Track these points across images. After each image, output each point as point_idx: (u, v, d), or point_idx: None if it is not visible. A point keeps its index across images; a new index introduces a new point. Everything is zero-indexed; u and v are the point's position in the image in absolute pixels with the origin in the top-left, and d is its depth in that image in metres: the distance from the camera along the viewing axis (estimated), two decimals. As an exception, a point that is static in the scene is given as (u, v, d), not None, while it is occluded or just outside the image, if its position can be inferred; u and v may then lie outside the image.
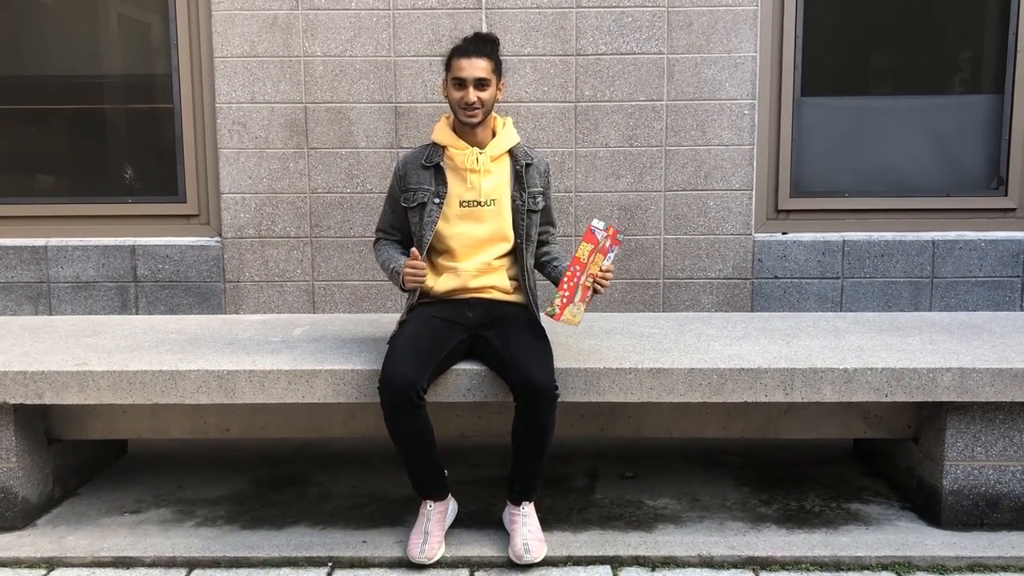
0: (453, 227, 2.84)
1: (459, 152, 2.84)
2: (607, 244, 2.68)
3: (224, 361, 2.87)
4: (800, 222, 4.00)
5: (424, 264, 2.75)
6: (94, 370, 2.80)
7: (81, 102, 4.03)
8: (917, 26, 3.94)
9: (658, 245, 3.91)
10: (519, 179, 2.87)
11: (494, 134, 2.90)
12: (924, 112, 3.98)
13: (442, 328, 2.78)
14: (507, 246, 2.89)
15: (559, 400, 2.67)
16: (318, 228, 3.93)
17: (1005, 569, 2.66)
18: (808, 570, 2.67)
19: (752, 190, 3.89)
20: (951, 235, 3.93)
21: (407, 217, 2.91)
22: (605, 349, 2.99)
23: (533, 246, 2.94)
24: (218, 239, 3.98)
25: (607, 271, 2.72)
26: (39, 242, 3.98)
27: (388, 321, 3.52)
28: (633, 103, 3.84)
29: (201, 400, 2.81)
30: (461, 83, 2.76)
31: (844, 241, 3.91)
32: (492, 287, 2.89)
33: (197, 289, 3.98)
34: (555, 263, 2.97)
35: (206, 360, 2.89)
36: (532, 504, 2.78)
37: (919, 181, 4.02)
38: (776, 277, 3.93)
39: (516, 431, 2.67)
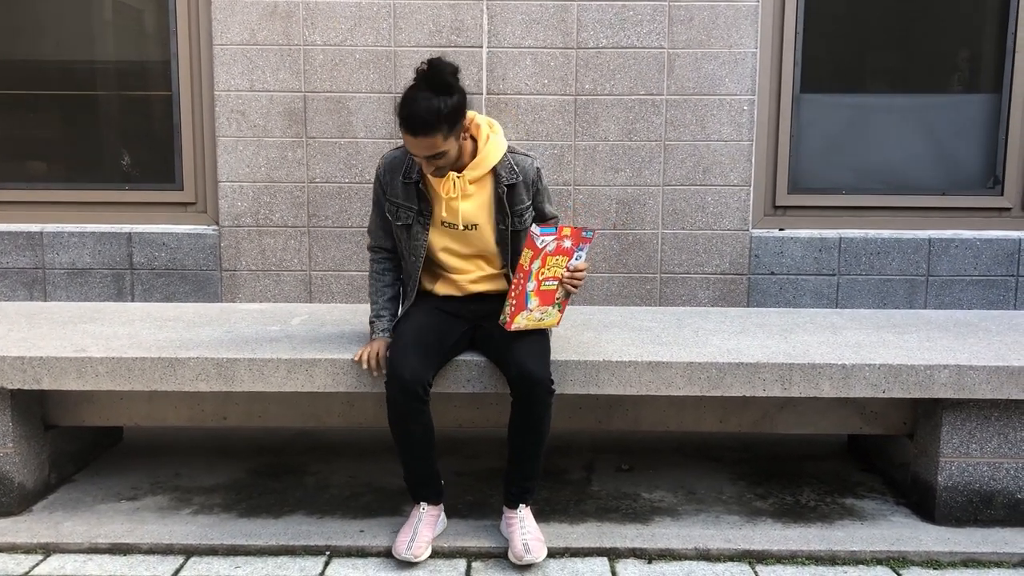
0: (440, 242, 2.75)
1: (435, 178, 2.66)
2: (567, 245, 2.55)
3: (223, 349, 2.87)
4: (797, 218, 4.01)
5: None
6: (93, 356, 2.79)
7: (79, 88, 4.01)
8: (917, 24, 3.95)
9: (656, 240, 3.92)
10: (500, 204, 2.70)
11: (475, 145, 2.68)
12: (922, 110, 4.00)
13: (446, 322, 2.77)
14: (495, 264, 2.79)
15: (557, 394, 2.67)
16: (316, 218, 3.92)
17: (999, 565, 2.68)
18: (803, 564, 2.68)
19: (750, 186, 3.90)
20: (947, 233, 3.96)
21: (394, 230, 2.79)
22: (604, 342, 2.99)
23: None
24: (215, 227, 3.97)
25: (576, 271, 2.62)
26: (34, 228, 3.96)
27: (386, 311, 3.52)
28: (633, 97, 3.85)
29: (200, 388, 2.80)
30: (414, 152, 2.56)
31: (841, 238, 3.92)
32: (491, 291, 2.81)
33: (193, 277, 3.97)
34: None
35: (205, 348, 2.88)
36: (528, 508, 2.75)
37: (916, 179, 4.04)
38: (772, 273, 3.94)
39: (512, 427, 2.67)
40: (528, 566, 2.63)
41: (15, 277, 3.98)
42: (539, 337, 2.72)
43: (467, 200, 2.68)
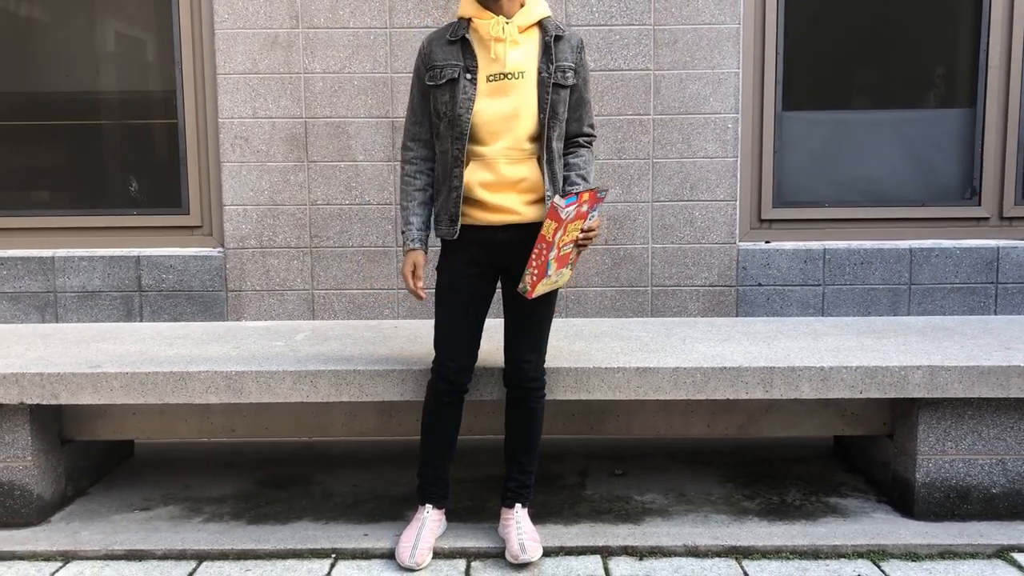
0: (478, 103, 2.67)
1: (484, 22, 2.66)
2: (583, 209, 2.58)
3: (231, 363, 3.01)
4: (782, 231, 4.15)
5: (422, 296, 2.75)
6: (107, 371, 2.93)
7: (89, 118, 4.17)
8: (893, 43, 4.11)
9: (646, 254, 4.06)
10: (547, 51, 2.69)
11: (522, 4, 2.72)
12: (901, 125, 4.15)
13: (479, 287, 2.75)
14: (532, 124, 2.69)
15: (550, 400, 2.82)
16: (318, 239, 4.07)
17: (974, 556, 2.80)
18: (788, 558, 2.80)
19: (736, 201, 4.04)
20: (927, 243, 4.09)
21: (434, 102, 2.73)
22: (595, 351, 3.13)
23: (561, 127, 2.75)
24: (220, 249, 4.11)
25: (589, 230, 2.65)
26: (46, 253, 4.11)
27: (387, 327, 3.66)
28: (621, 117, 4.00)
29: (210, 400, 2.94)
30: None
31: (825, 249, 4.06)
32: (523, 180, 2.70)
33: (200, 298, 4.11)
34: (569, 181, 2.80)
35: (214, 362, 3.02)
36: (525, 510, 2.88)
37: (896, 192, 4.19)
38: (760, 284, 4.08)
39: (508, 417, 2.82)
40: (525, 565, 2.75)
41: (28, 301, 4.12)
42: (542, 325, 2.77)
43: (515, 48, 2.69)
